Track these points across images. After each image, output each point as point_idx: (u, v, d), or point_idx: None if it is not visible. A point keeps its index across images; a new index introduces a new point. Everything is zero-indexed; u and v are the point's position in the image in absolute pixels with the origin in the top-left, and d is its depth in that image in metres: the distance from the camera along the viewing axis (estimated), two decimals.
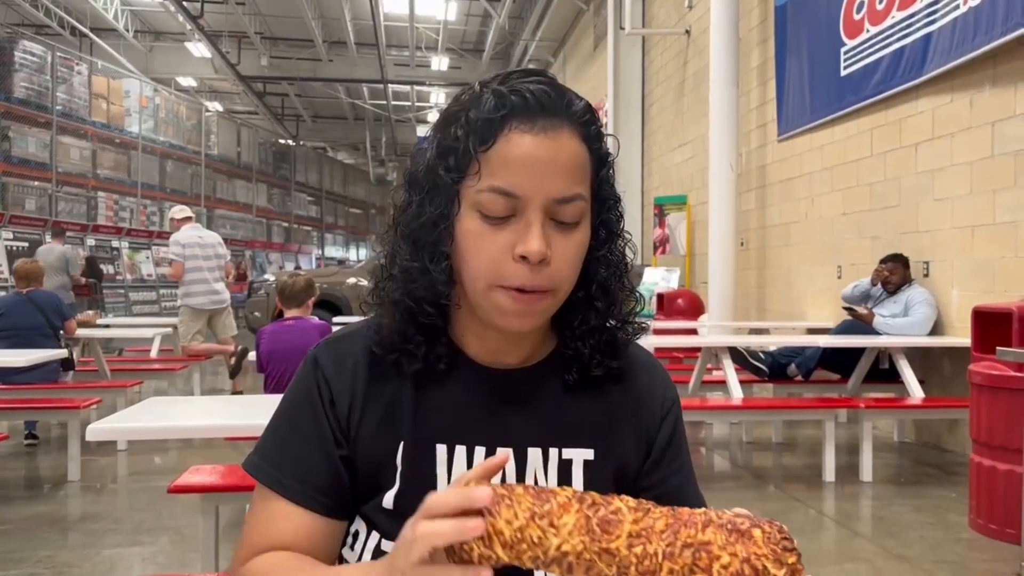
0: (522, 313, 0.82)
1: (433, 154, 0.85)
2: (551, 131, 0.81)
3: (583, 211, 0.83)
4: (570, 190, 0.81)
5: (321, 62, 20.87)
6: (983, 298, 4.94)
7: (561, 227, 0.82)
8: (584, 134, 0.84)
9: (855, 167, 6.54)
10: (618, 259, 0.91)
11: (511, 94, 0.82)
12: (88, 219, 16.39)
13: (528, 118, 0.81)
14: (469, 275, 0.83)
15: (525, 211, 0.80)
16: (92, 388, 5.56)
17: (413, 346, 0.87)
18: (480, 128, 0.81)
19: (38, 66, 14.96)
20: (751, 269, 8.40)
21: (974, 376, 3.76)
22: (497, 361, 0.91)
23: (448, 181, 0.83)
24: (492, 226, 0.80)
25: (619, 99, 12.44)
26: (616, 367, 0.93)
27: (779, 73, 7.68)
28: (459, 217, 0.83)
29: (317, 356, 0.91)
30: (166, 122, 19.56)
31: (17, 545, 3.55)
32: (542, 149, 0.80)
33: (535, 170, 0.79)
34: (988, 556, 3.43)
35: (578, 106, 0.84)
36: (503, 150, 0.80)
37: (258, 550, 0.85)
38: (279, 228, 26.62)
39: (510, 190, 0.79)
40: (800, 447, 5.70)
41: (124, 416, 2.52)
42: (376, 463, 0.87)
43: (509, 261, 0.80)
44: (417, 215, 0.85)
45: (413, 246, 0.86)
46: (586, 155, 0.84)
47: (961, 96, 5.30)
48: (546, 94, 0.82)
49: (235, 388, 7.13)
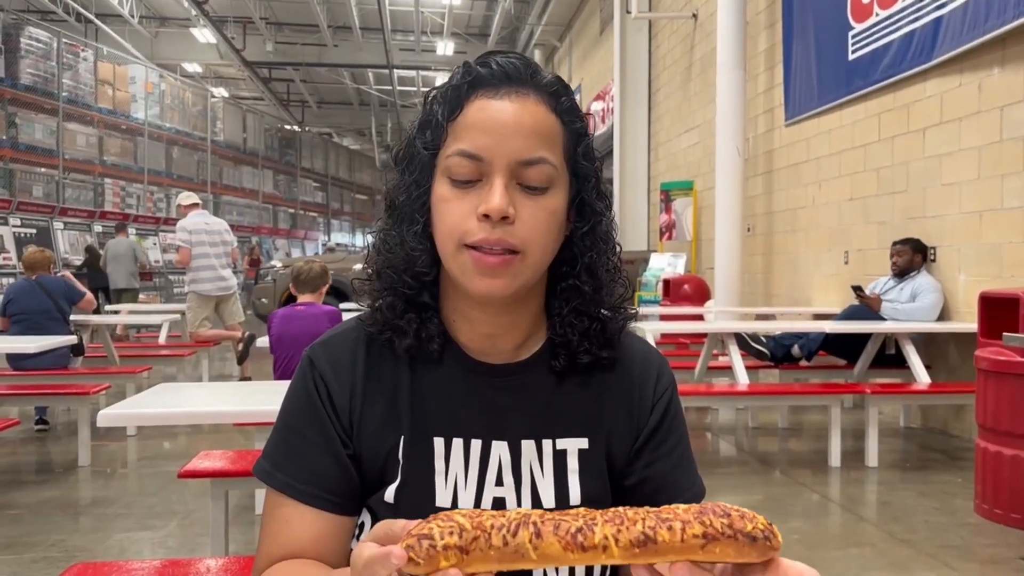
0: (489, 272, 0.82)
1: (414, 130, 0.89)
2: (515, 96, 0.84)
3: (551, 177, 0.84)
4: (534, 152, 0.82)
5: (326, 47, 20.82)
6: (990, 283, 4.93)
7: (529, 192, 0.83)
8: (554, 105, 0.86)
9: (863, 152, 6.51)
10: (604, 239, 0.91)
11: (480, 66, 0.86)
12: (95, 206, 16.43)
13: (493, 86, 0.84)
14: (440, 239, 0.85)
15: (490, 173, 0.82)
16: (101, 374, 5.60)
17: (404, 322, 0.89)
18: (450, 98, 0.85)
19: (44, 52, 14.96)
20: (758, 255, 8.38)
21: (980, 362, 3.76)
22: (489, 350, 0.91)
23: (425, 154, 0.86)
24: (460, 190, 0.83)
25: (625, 84, 12.38)
26: (606, 356, 0.92)
27: (786, 57, 7.64)
28: (434, 186, 0.86)
29: (312, 356, 0.92)
30: (172, 108, 19.56)
31: (29, 529, 3.59)
32: (505, 112, 0.83)
33: (498, 132, 0.82)
34: (993, 541, 3.44)
35: (547, 78, 0.87)
36: (469, 115, 0.84)
37: (273, 559, 0.86)
38: (285, 214, 26.65)
39: (474, 152, 0.82)
40: (806, 432, 5.72)
41: (135, 402, 2.54)
42: (379, 458, 0.88)
43: (473, 221, 0.82)
44: (398, 189, 0.89)
45: (393, 219, 0.90)
46: (555, 124, 0.86)
47: (970, 80, 5.27)
48: (513, 66, 0.85)
49: (243, 374, 7.16)
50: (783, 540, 0.61)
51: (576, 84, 16.73)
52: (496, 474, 0.87)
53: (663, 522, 0.59)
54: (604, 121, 14.39)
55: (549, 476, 0.88)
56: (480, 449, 0.88)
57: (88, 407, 4.72)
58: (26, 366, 5.34)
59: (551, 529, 0.60)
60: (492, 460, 0.88)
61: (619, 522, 0.60)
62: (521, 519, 0.60)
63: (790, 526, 3.61)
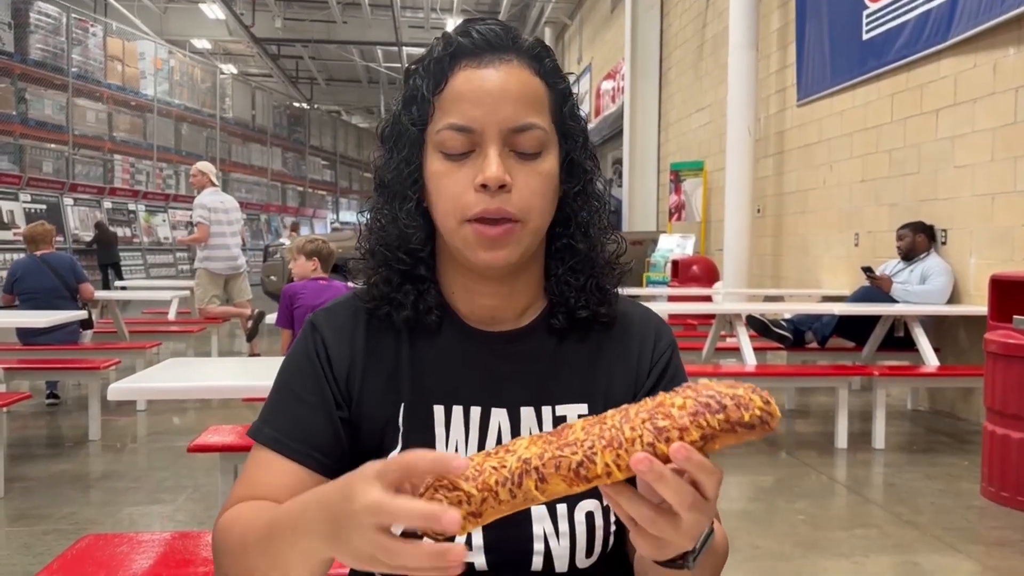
0: (491, 244, 0.82)
1: (399, 107, 0.89)
2: (499, 64, 0.84)
3: (543, 141, 0.84)
4: (524, 118, 0.82)
5: (335, 24, 20.71)
6: (1001, 267, 4.90)
7: (522, 158, 0.83)
8: (537, 69, 0.86)
9: (875, 133, 6.46)
10: (595, 197, 0.92)
11: (459, 36, 0.85)
12: (105, 182, 16.46)
13: (476, 56, 0.84)
14: (440, 216, 0.85)
15: (482, 143, 0.82)
16: (111, 349, 5.63)
17: (401, 294, 0.89)
18: (433, 72, 0.85)
19: (53, 28, 14.93)
20: (767, 236, 8.35)
21: (990, 344, 3.75)
22: (489, 321, 0.92)
23: (412, 130, 0.86)
24: (454, 164, 0.83)
25: (636, 63, 12.29)
26: (605, 313, 0.93)
27: (799, 37, 7.56)
28: (426, 162, 0.86)
29: (315, 321, 0.93)
30: (181, 84, 19.54)
31: (41, 502, 3.63)
32: (491, 81, 0.83)
33: (486, 101, 0.82)
34: (999, 524, 3.44)
35: (527, 42, 0.87)
36: (454, 88, 0.83)
37: (242, 500, 0.85)
38: (294, 192, 26.65)
39: (464, 124, 0.82)
40: (813, 414, 5.72)
41: (144, 376, 2.56)
42: (380, 424, 0.88)
43: (471, 193, 0.82)
44: (387, 167, 0.89)
45: (385, 196, 0.90)
46: (541, 87, 0.86)
47: (985, 61, 5.21)
48: (492, 32, 0.85)
49: (252, 351, 7.20)
50: (790, 521, 0.61)
51: (586, 63, 16.62)
52: (496, 441, 0.88)
53: (661, 434, 0.59)
54: (614, 100, 14.30)
55: None
56: (479, 416, 0.89)
57: (98, 382, 4.75)
58: (36, 342, 5.37)
59: (553, 470, 0.61)
60: (492, 427, 0.88)
61: (617, 446, 0.60)
62: (522, 468, 0.61)
63: (796, 507, 3.62)
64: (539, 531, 0.84)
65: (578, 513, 0.85)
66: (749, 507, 3.64)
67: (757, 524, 3.36)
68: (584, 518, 0.85)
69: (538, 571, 0.84)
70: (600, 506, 0.87)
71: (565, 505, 0.85)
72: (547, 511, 0.85)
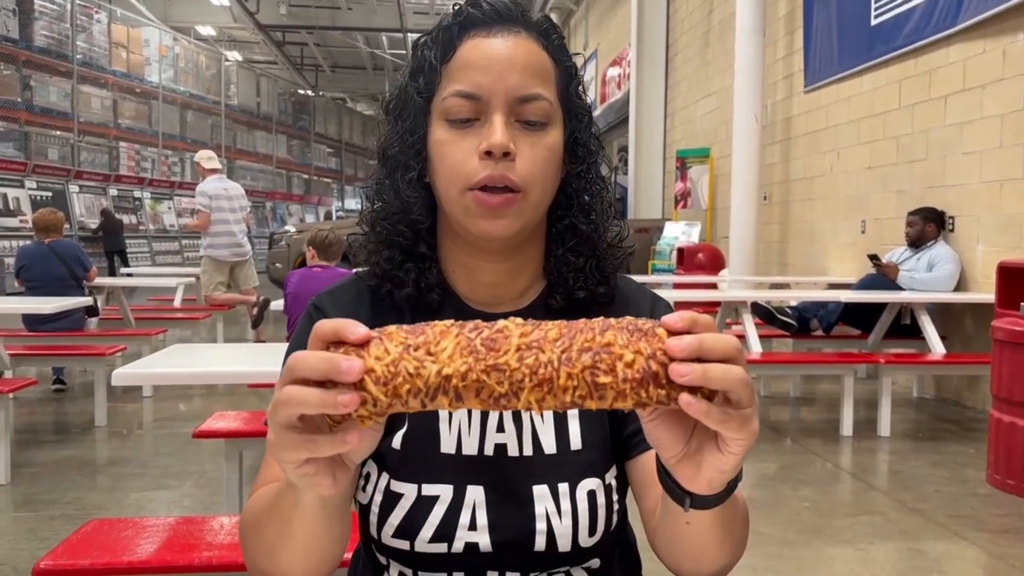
0: (493, 214, 0.82)
1: (405, 78, 0.89)
2: (507, 34, 0.84)
3: (548, 113, 0.84)
4: (530, 88, 0.83)
5: (340, 10, 20.64)
6: (1009, 254, 4.87)
7: (527, 128, 0.83)
8: (544, 44, 0.87)
9: (882, 119, 6.41)
10: (598, 179, 0.92)
11: (469, 7, 0.86)
12: (110, 169, 16.47)
13: (485, 26, 0.85)
14: (442, 185, 0.85)
15: (488, 111, 0.82)
16: (117, 336, 5.64)
17: (402, 272, 0.89)
18: (442, 41, 0.85)
19: (58, 14, 14.91)
20: (774, 223, 8.32)
21: (997, 332, 3.73)
22: (490, 300, 0.92)
23: (418, 100, 0.86)
24: (459, 131, 0.83)
25: (642, 49, 12.22)
26: (603, 293, 0.93)
27: (807, 22, 7.51)
28: (430, 131, 0.86)
29: (318, 303, 0.94)
30: (186, 71, 19.52)
31: (47, 487, 3.65)
32: (499, 49, 0.83)
33: (494, 69, 0.82)
34: (1005, 511, 3.44)
35: (536, 17, 0.88)
36: (462, 56, 0.84)
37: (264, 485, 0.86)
38: (299, 180, 26.64)
39: (471, 91, 0.82)
40: (818, 402, 5.71)
41: (150, 362, 2.56)
42: None
43: (475, 160, 0.82)
44: (390, 139, 0.89)
45: (387, 169, 0.90)
46: (548, 61, 0.86)
47: (994, 46, 5.16)
48: (503, 4, 0.86)
49: (258, 337, 7.21)
50: (795, 508, 0.60)
51: (592, 49, 16.54)
52: (497, 421, 0.88)
53: (596, 390, 0.56)
54: (620, 87, 14.23)
55: (549, 422, 0.88)
56: None
57: (104, 368, 4.77)
58: (43, 328, 5.38)
59: (472, 395, 0.57)
60: None
61: (547, 390, 0.56)
62: (440, 383, 0.56)
63: (801, 494, 3.61)
64: (541, 510, 0.84)
65: (580, 491, 0.85)
66: (754, 494, 3.64)
67: (762, 511, 3.36)
68: (586, 496, 0.85)
69: (541, 551, 0.84)
70: (602, 484, 0.87)
71: (567, 484, 0.85)
72: (548, 490, 0.85)
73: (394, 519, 0.84)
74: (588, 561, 0.88)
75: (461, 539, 0.83)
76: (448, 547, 0.84)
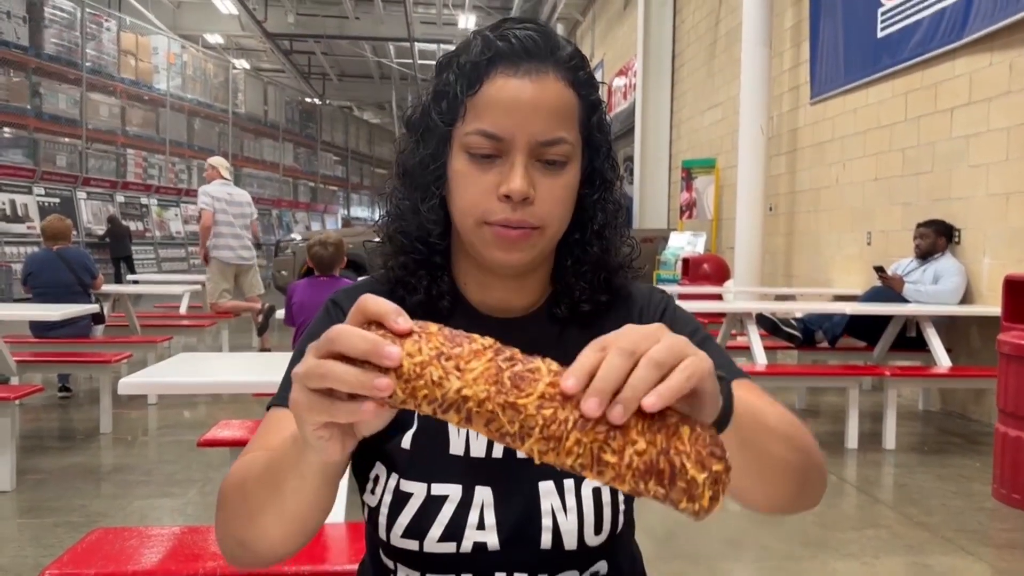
0: (509, 247, 0.84)
1: (428, 99, 0.89)
2: (535, 75, 0.83)
3: (569, 153, 0.85)
4: (553, 133, 0.83)
5: (348, 19, 20.73)
6: (1016, 267, 4.86)
7: (547, 167, 0.84)
8: (571, 79, 0.86)
9: (888, 132, 6.41)
10: (613, 206, 0.93)
11: (498, 40, 0.85)
12: (118, 176, 16.53)
13: (513, 63, 0.84)
14: (459, 213, 0.87)
15: (510, 152, 0.83)
16: (123, 343, 5.66)
17: (415, 279, 0.91)
18: (468, 73, 0.85)
19: (68, 22, 15.00)
20: (779, 235, 8.31)
21: (1003, 345, 3.72)
22: (498, 307, 0.94)
23: (440, 125, 0.86)
24: (479, 166, 0.84)
25: (649, 59, 12.25)
26: (605, 300, 0.94)
27: (813, 34, 7.52)
28: (450, 159, 0.87)
29: (336, 300, 0.95)
30: (193, 79, 19.59)
31: (52, 494, 3.66)
32: (526, 92, 0.83)
33: (519, 113, 0.82)
34: (1011, 526, 3.42)
35: (565, 51, 0.87)
36: (489, 94, 0.83)
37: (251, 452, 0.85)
38: (305, 187, 26.69)
39: (495, 132, 0.83)
40: (823, 414, 5.69)
41: (155, 371, 2.57)
42: None
43: (494, 200, 0.83)
44: (412, 157, 0.90)
45: (407, 186, 0.91)
46: (573, 99, 0.86)
47: (1000, 59, 5.16)
48: (532, 39, 0.85)
49: (263, 345, 7.22)
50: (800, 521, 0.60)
51: (598, 59, 16.58)
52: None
53: (598, 464, 0.55)
54: (626, 97, 14.26)
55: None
56: None
57: (110, 375, 4.78)
58: (49, 335, 5.40)
59: (482, 423, 0.57)
60: None
61: (553, 447, 0.56)
62: (457, 401, 0.57)
63: None
64: (547, 506, 0.86)
65: (585, 488, 0.87)
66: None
67: (766, 524, 3.35)
68: (591, 493, 0.86)
69: (547, 548, 0.85)
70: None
71: (572, 480, 0.87)
72: (554, 487, 0.86)
73: (403, 519, 0.85)
74: (595, 564, 0.88)
75: (470, 539, 0.85)
76: (457, 547, 0.84)
